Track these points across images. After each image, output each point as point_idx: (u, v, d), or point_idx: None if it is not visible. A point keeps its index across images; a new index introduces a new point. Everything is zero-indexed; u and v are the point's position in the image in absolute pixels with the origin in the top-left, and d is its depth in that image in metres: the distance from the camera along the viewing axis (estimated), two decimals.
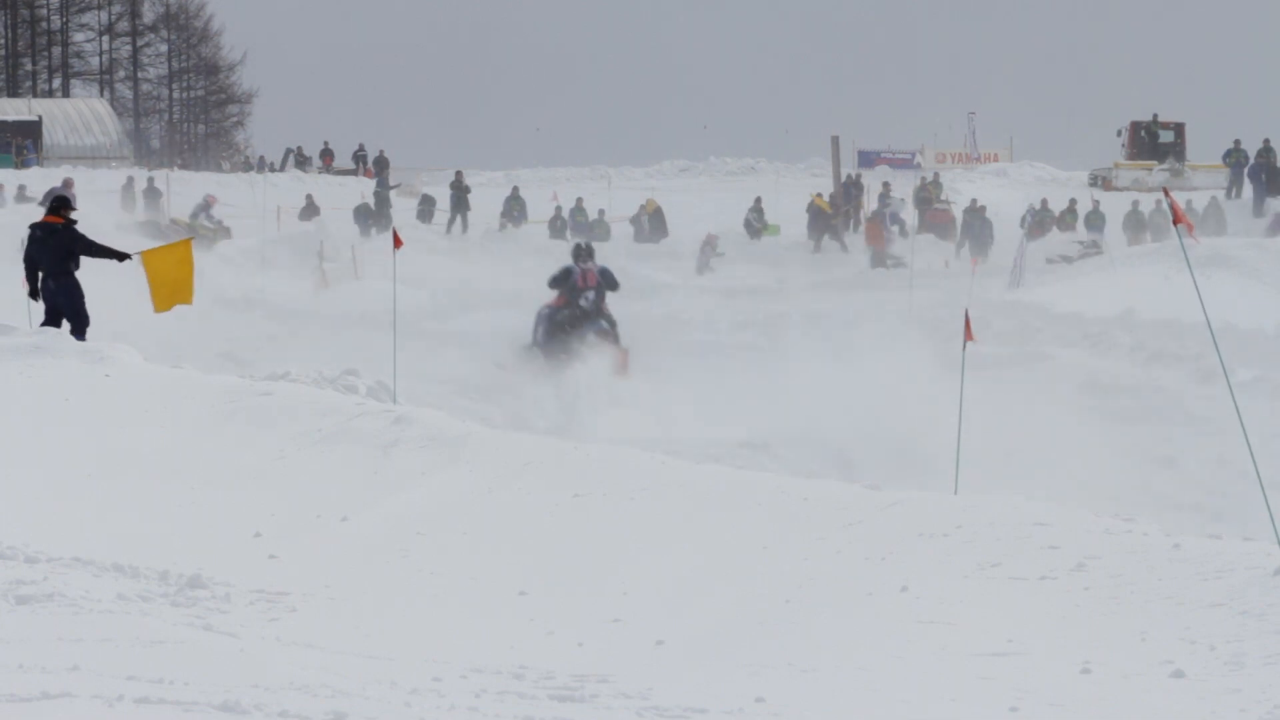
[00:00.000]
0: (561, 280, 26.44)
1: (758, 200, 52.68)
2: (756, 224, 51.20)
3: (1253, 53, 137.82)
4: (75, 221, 19.98)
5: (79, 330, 19.50)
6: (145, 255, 20.09)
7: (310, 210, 50.50)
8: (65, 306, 19.66)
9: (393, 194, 52.90)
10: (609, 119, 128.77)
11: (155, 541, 11.51)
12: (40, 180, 55.30)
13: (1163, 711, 7.76)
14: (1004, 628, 8.98)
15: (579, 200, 51.45)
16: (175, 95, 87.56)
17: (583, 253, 26.66)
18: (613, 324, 26.11)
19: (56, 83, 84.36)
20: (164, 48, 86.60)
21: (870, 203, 51.85)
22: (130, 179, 54.49)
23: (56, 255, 19.65)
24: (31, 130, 67.37)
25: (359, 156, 66.21)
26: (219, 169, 69.65)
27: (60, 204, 20.05)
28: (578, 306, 25.87)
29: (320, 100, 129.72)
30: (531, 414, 23.42)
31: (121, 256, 20.05)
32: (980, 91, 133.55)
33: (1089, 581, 9.55)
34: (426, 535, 11.80)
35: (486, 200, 53.38)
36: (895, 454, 21.10)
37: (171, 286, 20.17)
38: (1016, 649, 8.69)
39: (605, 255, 46.06)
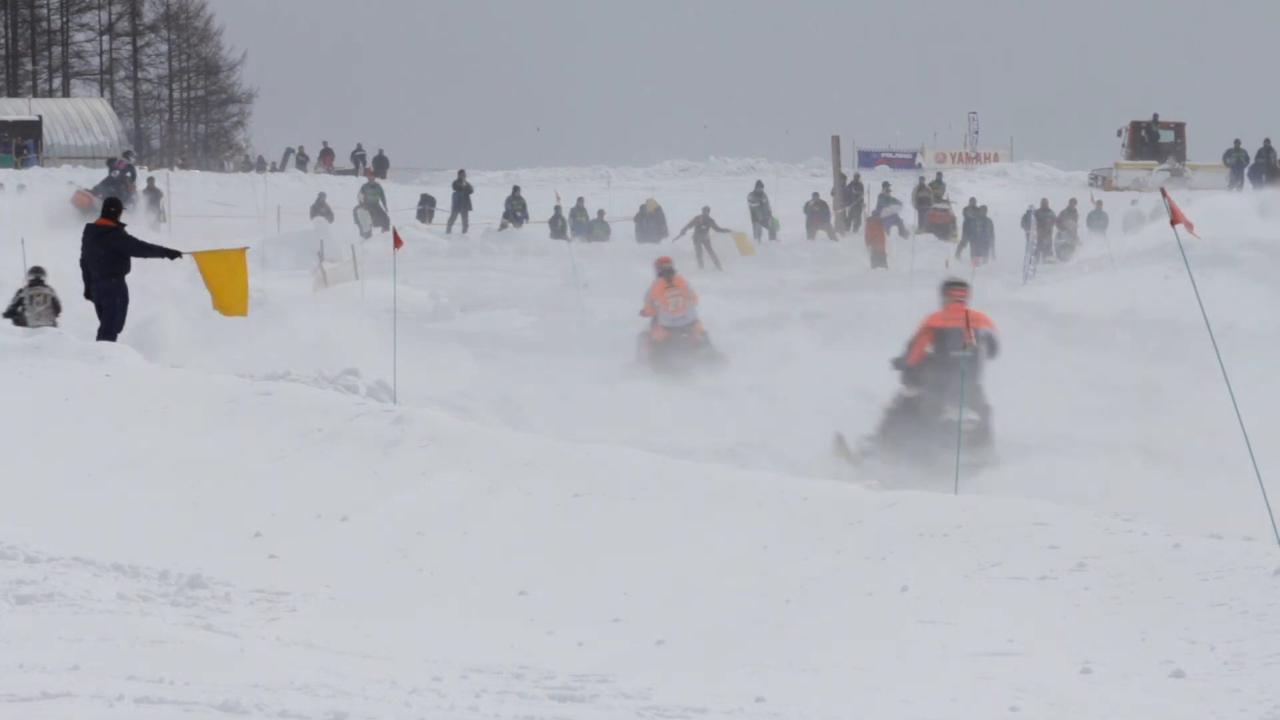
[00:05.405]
0: None
1: (759, 185, 52.05)
2: (759, 212, 50.39)
3: (1253, 53, 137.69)
4: (125, 225, 19.93)
5: (110, 333, 19.43)
6: (197, 255, 20.11)
7: (320, 206, 50.36)
8: (107, 308, 19.63)
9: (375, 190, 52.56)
10: (609, 119, 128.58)
11: (155, 541, 11.51)
12: (40, 180, 55.32)
13: (1163, 711, 7.76)
14: (1004, 627, 8.98)
15: (579, 200, 51.40)
16: (175, 95, 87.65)
17: None
18: None
19: (56, 83, 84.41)
20: (164, 47, 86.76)
21: (870, 203, 51.83)
22: None
23: (105, 257, 19.61)
24: (31, 130, 67.40)
25: (358, 156, 66.22)
26: (221, 169, 69.66)
27: (112, 206, 19.99)
28: None
29: (320, 100, 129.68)
30: (531, 413, 23.42)
31: (173, 255, 19.99)
32: (980, 91, 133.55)
33: (1089, 581, 9.55)
34: (426, 535, 11.79)
35: (487, 200, 53.37)
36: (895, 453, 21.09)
37: (225, 293, 20.19)
38: (1016, 649, 8.68)
39: (606, 255, 46.19)
